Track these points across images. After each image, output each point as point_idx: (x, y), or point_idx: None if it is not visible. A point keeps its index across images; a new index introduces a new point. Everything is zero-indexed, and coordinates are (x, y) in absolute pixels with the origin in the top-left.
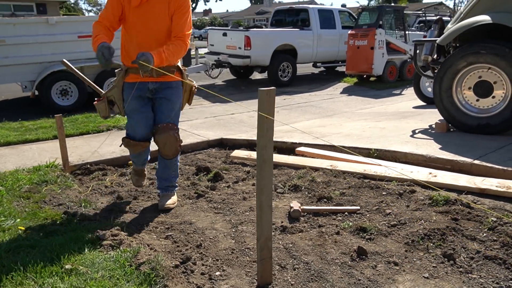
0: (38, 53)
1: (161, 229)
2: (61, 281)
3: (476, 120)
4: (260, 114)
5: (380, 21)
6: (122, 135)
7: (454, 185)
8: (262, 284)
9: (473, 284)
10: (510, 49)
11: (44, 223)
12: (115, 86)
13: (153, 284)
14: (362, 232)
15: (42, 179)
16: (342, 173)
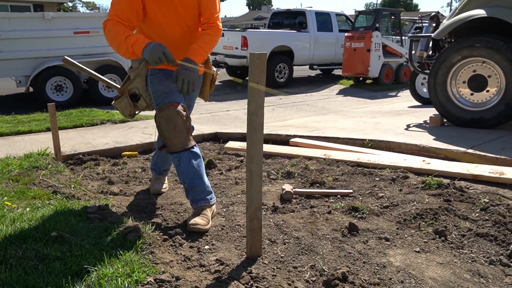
0: (33, 48)
1: (151, 209)
2: (46, 247)
3: (470, 114)
4: (250, 79)
5: (376, 24)
6: (117, 128)
7: (448, 172)
8: (251, 257)
9: (464, 258)
10: (505, 42)
11: (31, 202)
12: (137, 76)
13: (139, 251)
14: (354, 211)
15: (33, 165)
16: (336, 161)
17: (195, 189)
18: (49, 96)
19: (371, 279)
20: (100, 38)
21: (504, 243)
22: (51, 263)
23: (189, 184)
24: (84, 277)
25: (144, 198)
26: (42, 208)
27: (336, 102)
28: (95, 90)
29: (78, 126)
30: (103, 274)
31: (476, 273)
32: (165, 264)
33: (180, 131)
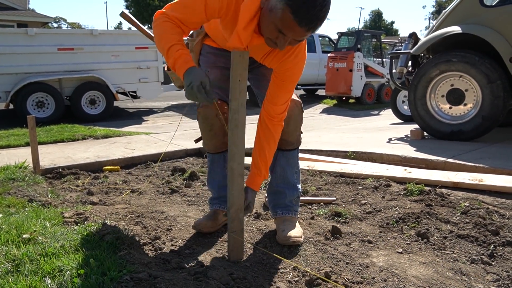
0: (14, 63)
1: (131, 217)
2: (17, 249)
3: (449, 127)
4: (233, 76)
5: (358, 45)
6: (99, 143)
7: (429, 180)
8: (232, 259)
9: (447, 258)
10: (480, 57)
11: (5, 209)
12: (192, 51)
13: (117, 252)
14: (337, 217)
15: (9, 177)
16: (319, 172)
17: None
18: (30, 112)
19: (354, 278)
20: (84, 55)
21: (484, 244)
22: (21, 263)
23: (211, 188)
24: (56, 277)
25: (124, 207)
26: (16, 214)
27: (320, 120)
28: (77, 106)
29: (58, 141)
30: (76, 273)
31: (458, 272)
32: (143, 264)
33: (215, 135)
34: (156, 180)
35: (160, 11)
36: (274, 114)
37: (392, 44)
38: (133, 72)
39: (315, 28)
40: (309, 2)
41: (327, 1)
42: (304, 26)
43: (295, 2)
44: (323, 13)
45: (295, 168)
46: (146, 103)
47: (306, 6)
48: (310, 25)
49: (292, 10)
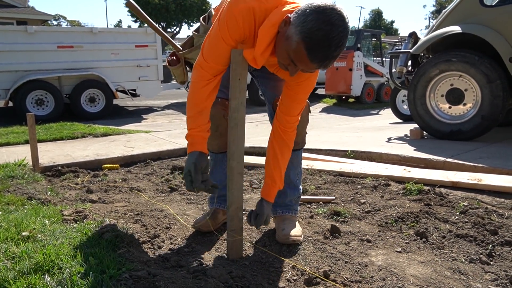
0: (14, 61)
1: (130, 215)
2: (16, 246)
3: (448, 126)
4: (233, 75)
5: (358, 44)
6: (98, 141)
7: (428, 179)
8: (231, 258)
9: (445, 257)
10: (479, 57)
11: (5, 207)
12: (198, 48)
13: (116, 249)
14: (336, 216)
15: (8, 174)
16: (318, 171)
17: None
18: (30, 110)
19: (353, 277)
20: (84, 52)
21: (483, 243)
22: (21, 261)
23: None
24: (56, 274)
25: (123, 206)
26: (15, 212)
27: (319, 119)
28: (76, 104)
29: (58, 139)
30: (76, 271)
31: (456, 271)
32: (142, 263)
33: (221, 135)
34: (155, 178)
35: (196, 64)
36: (287, 124)
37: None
38: (133, 70)
39: (327, 65)
40: (324, 42)
41: (342, 41)
42: (316, 63)
43: (311, 40)
44: (337, 52)
45: (298, 169)
46: (145, 101)
47: (322, 46)
48: (322, 63)
49: (307, 46)
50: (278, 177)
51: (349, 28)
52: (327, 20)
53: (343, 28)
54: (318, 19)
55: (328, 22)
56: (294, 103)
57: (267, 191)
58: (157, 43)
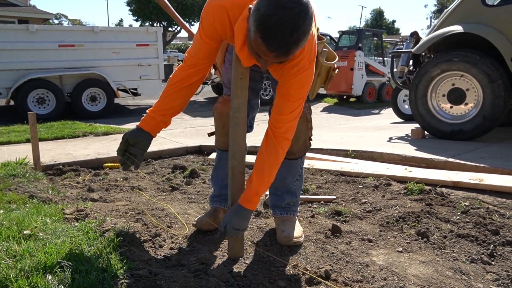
0: (16, 60)
1: (131, 214)
2: (18, 245)
3: (450, 126)
4: (235, 74)
5: (359, 44)
6: (99, 140)
7: (429, 179)
8: (232, 257)
9: (446, 257)
10: (481, 57)
11: (6, 205)
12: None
13: (117, 248)
14: (337, 215)
15: (9, 173)
16: (319, 170)
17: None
18: (31, 108)
19: (354, 277)
20: (85, 51)
21: (484, 243)
22: (22, 259)
23: (213, 184)
24: (57, 273)
25: (124, 205)
26: (16, 211)
27: (320, 118)
28: (78, 103)
29: (59, 138)
30: (77, 269)
31: (458, 271)
32: (143, 261)
33: (227, 133)
34: (156, 177)
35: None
36: (277, 124)
37: (393, 43)
38: (134, 69)
39: (287, 53)
40: (278, 27)
41: (298, 25)
42: (274, 51)
43: (263, 27)
44: (294, 38)
45: (296, 176)
46: (146, 100)
47: (276, 32)
48: (279, 51)
49: (261, 35)
50: (256, 180)
51: (307, 9)
52: (278, 3)
53: (298, 10)
54: (269, 5)
55: (279, 5)
56: (285, 101)
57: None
58: (158, 42)
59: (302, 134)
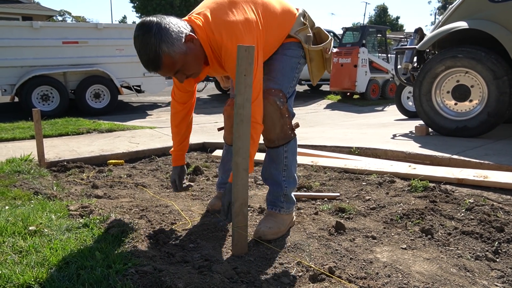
0: (20, 56)
1: (135, 211)
2: (23, 241)
3: (454, 123)
4: (238, 71)
5: (363, 40)
6: (103, 137)
7: (433, 176)
8: (236, 254)
9: (451, 254)
10: (486, 53)
11: (11, 201)
12: None
13: (121, 244)
14: (341, 212)
15: (14, 169)
16: (323, 168)
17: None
18: (35, 105)
19: (358, 274)
20: (89, 48)
21: (489, 240)
22: (28, 255)
23: (221, 173)
24: (62, 269)
25: (128, 201)
26: (22, 207)
27: (323, 115)
28: (82, 100)
29: (63, 135)
30: (82, 265)
31: (462, 268)
32: (148, 258)
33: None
34: (160, 174)
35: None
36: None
37: (397, 40)
38: (138, 66)
39: (154, 68)
40: (139, 55)
41: (140, 49)
42: (149, 70)
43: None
44: (147, 56)
45: (281, 166)
46: (150, 97)
47: (140, 57)
48: (150, 67)
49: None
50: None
51: (148, 28)
52: (133, 37)
53: (141, 33)
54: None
55: (134, 38)
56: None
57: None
58: None
59: (276, 121)
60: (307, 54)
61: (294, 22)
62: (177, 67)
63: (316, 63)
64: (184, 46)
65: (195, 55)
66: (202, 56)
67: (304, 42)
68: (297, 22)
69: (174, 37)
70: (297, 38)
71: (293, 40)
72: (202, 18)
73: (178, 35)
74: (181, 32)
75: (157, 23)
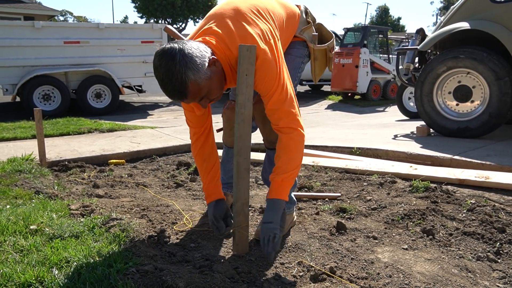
0: (21, 56)
1: (136, 210)
2: (24, 239)
3: (456, 123)
4: (240, 71)
5: (364, 41)
6: (104, 137)
7: (434, 177)
8: (237, 254)
9: (452, 255)
10: (488, 53)
11: (12, 200)
12: None
13: (122, 244)
14: (342, 212)
15: (16, 169)
16: (324, 168)
17: None
18: (36, 105)
19: (359, 274)
20: (90, 48)
21: (491, 241)
22: (29, 254)
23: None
24: (63, 267)
25: (129, 201)
26: (23, 206)
27: (325, 116)
28: (83, 100)
29: (64, 134)
30: (83, 264)
31: (464, 268)
32: (148, 257)
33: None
34: (161, 174)
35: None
36: (270, 118)
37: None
38: (139, 66)
39: (179, 97)
40: (161, 84)
41: (163, 78)
42: (174, 98)
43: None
44: (172, 86)
45: None
46: (151, 97)
47: (163, 87)
48: (176, 96)
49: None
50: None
51: (172, 55)
52: (154, 67)
53: (165, 62)
54: (153, 66)
55: (155, 68)
56: (263, 97)
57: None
58: (163, 39)
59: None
60: (312, 53)
61: (298, 22)
62: (203, 93)
63: (320, 62)
64: (209, 70)
65: (219, 78)
66: (223, 77)
67: (310, 41)
68: (301, 21)
69: (199, 62)
70: (302, 38)
71: (298, 39)
72: (215, 37)
73: (202, 60)
74: (204, 57)
75: (180, 49)
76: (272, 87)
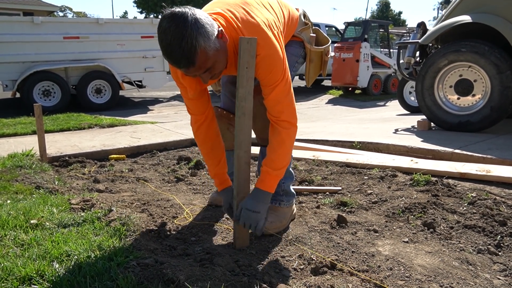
0: (21, 52)
1: (137, 204)
2: (25, 234)
3: (457, 117)
4: (240, 63)
5: (365, 35)
6: (105, 132)
7: (435, 170)
8: (238, 247)
9: (453, 247)
10: (489, 47)
11: (13, 195)
12: None
13: (123, 237)
14: (343, 206)
15: (16, 164)
16: (325, 162)
17: None
18: (36, 100)
19: (359, 267)
20: (90, 43)
21: (491, 234)
22: (30, 248)
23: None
24: (64, 261)
25: (130, 195)
26: (23, 201)
27: (325, 110)
28: (83, 95)
29: (65, 130)
30: (84, 258)
31: (464, 261)
32: (149, 251)
33: (226, 140)
34: (161, 168)
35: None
36: (269, 109)
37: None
38: (139, 61)
39: (186, 64)
40: (167, 48)
41: (181, 35)
42: (179, 66)
43: (163, 53)
44: (181, 50)
45: None
46: (151, 93)
47: (165, 53)
48: (181, 63)
49: (166, 59)
50: (265, 160)
51: (184, 19)
52: (160, 30)
53: (175, 25)
54: (158, 29)
55: (161, 31)
56: (264, 88)
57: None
58: None
59: (266, 120)
60: (308, 54)
61: (297, 23)
62: (208, 64)
63: (315, 64)
64: (217, 42)
65: (224, 53)
66: (227, 55)
67: (307, 42)
68: (300, 22)
69: (209, 30)
70: (299, 38)
71: (295, 39)
72: (222, 17)
73: (212, 29)
74: (214, 27)
75: (192, 14)
76: (278, 78)
